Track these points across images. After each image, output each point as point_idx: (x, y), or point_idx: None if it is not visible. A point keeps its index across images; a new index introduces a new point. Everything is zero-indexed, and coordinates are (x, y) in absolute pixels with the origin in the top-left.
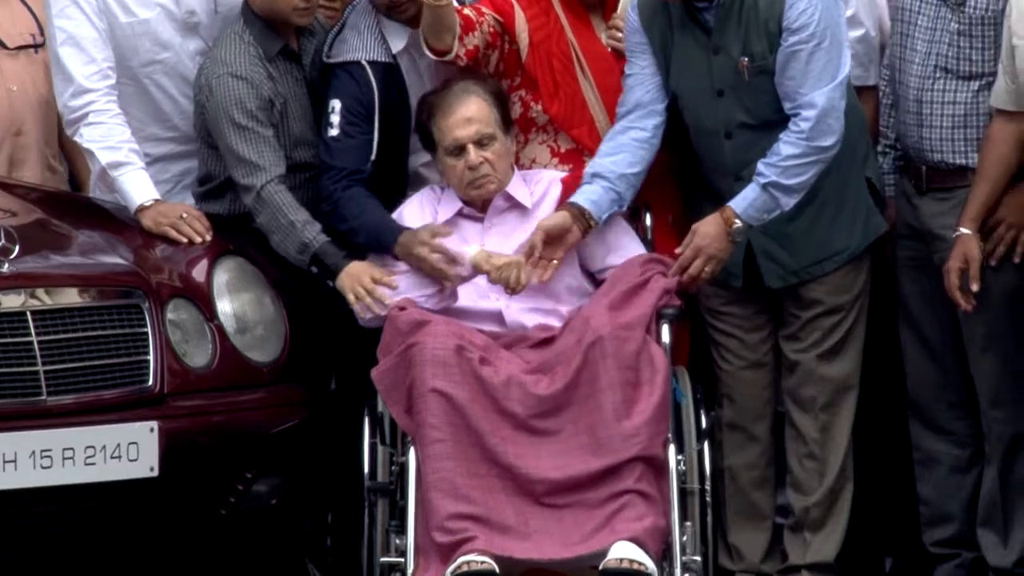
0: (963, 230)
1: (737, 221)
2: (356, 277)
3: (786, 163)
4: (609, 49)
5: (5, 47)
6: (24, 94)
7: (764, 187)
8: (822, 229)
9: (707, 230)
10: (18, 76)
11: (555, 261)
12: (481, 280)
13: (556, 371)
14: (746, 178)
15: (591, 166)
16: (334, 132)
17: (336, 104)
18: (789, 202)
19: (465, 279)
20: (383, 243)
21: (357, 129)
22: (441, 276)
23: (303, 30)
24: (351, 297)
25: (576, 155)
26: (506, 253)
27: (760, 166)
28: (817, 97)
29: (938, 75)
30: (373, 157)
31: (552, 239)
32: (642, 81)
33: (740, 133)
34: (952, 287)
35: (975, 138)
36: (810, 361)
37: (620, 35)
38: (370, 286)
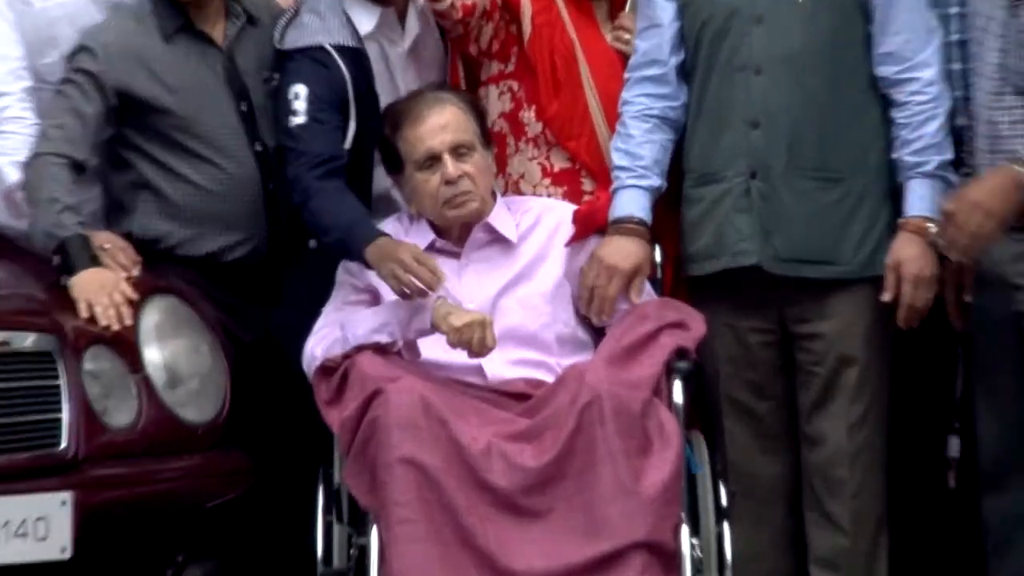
0: None
1: (930, 225)
2: (103, 287)
3: (938, 137)
4: (614, 52)
5: None
6: None
7: (933, 174)
8: (827, 228)
9: (910, 254)
10: None
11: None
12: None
13: (545, 438)
14: (763, 126)
15: (621, 159)
16: (300, 120)
17: (300, 90)
18: (954, 174)
19: (424, 333)
20: (353, 242)
21: (327, 115)
22: (403, 294)
23: (229, 12)
24: (82, 307)
25: (571, 175)
26: (484, 296)
27: (910, 158)
28: (930, 56)
29: (1007, 90)
30: (348, 146)
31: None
32: (659, 31)
33: (774, 69)
34: None
35: None
36: (839, 433)
37: (627, 36)
38: (118, 300)
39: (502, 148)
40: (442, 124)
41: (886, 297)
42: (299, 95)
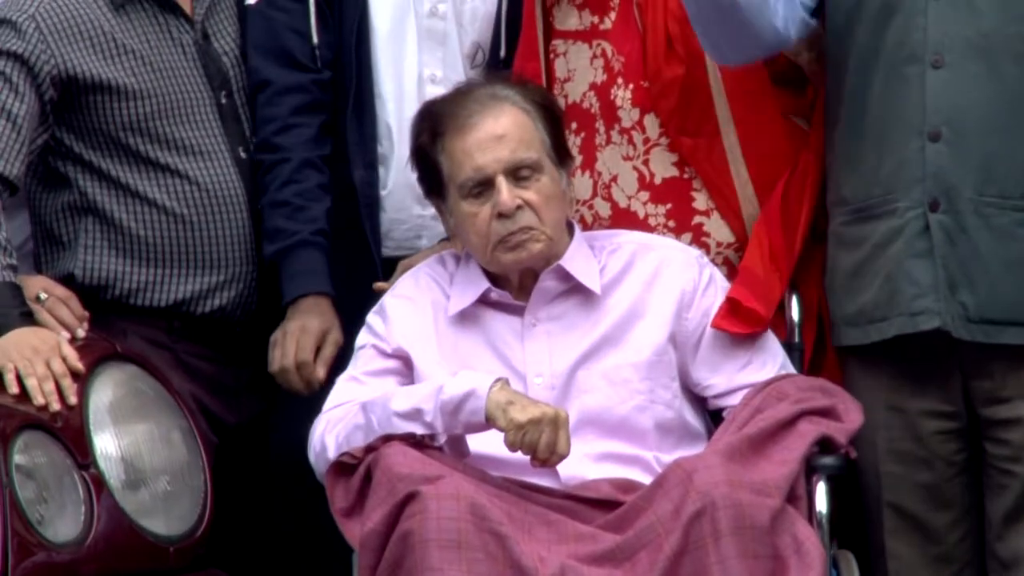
0: None
1: None
2: (38, 352)
3: None
4: None
5: None
6: None
7: None
8: None
9: None
10: None
11: None
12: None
13: (639, 560)
14: (947, 139)
15: None
16: None
17: None
18: None
19: (476, 428)
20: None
21: None
22: None
23: None
24: (10, 379)
25: (679, 188)
26: (556, 367)
27: None
28: None
29: None
30: (316, 40)
31: None
32: None
33: (959, 59)
34: None
35: None
36: None
37: None
38: (59, 370)
39: (590, 134)
40: (498, 134)
41: None
42: None
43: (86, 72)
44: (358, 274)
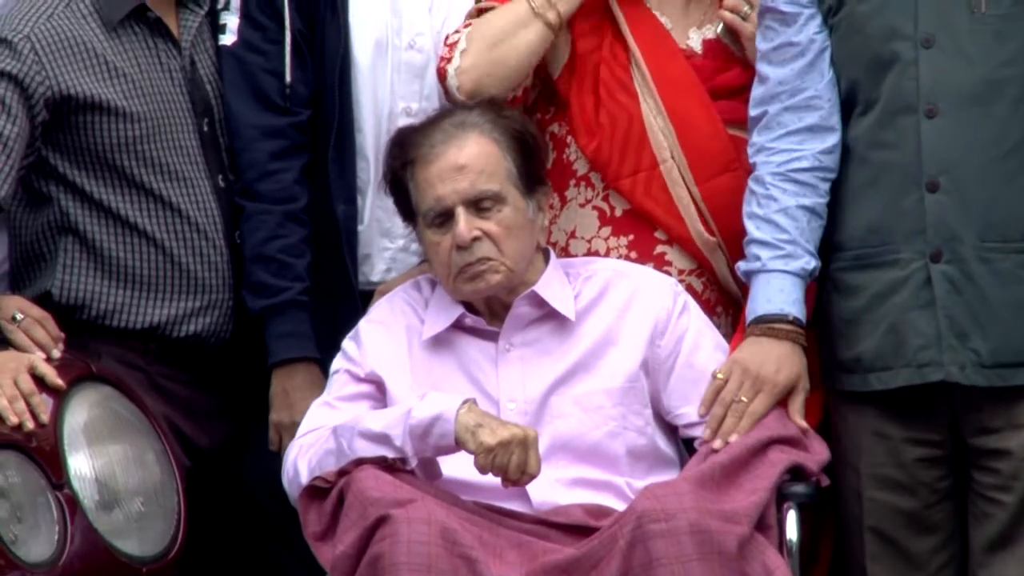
0: None
1: None
2: (7, 371)
3: None
4: (687, 63)
5: None
6: None
7: None
8: None
9: None
10: None
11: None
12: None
13: (601, 569)
14: (945, 188)
15: (759, 230)
16: (228, 39)
17: None
18: None
19: (446, 451)
20: (269, 342)
21: (270, 34)
22: None
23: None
24: None
25: (639, 222)
26: (529, 393)
27: None
28: None
29: None
30: (288, 79)
31: None
32: (805, 59)
33: (953, 108)
34: None
35: None
36: None
37: (746, 8)
38: (29, 389)
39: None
40: (459, 165)
41: None
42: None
43: (79, 91)
44: (337, 303)
